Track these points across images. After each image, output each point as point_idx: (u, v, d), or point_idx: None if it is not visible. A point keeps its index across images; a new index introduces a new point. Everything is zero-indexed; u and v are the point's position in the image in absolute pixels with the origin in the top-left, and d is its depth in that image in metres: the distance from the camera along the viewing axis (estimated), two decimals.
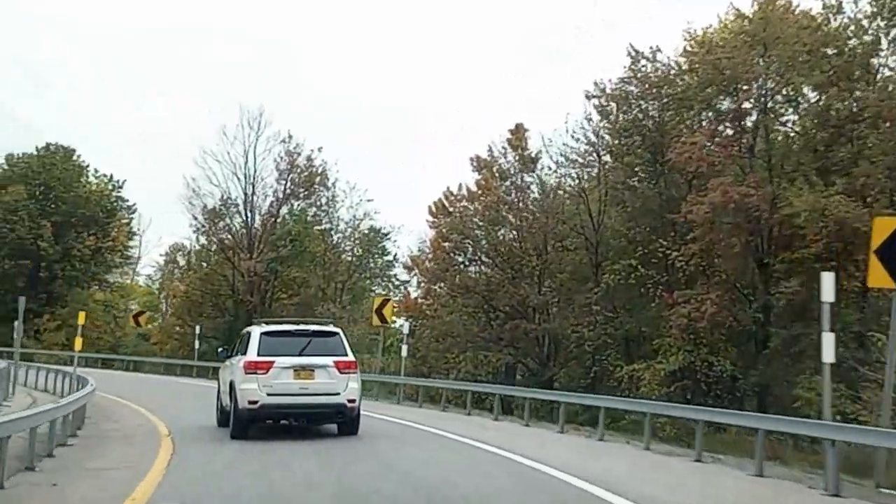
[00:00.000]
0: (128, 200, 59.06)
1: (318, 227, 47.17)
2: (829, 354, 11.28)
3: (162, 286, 61.41)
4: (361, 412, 15.17)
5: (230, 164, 45.55)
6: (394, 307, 34.05)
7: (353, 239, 47.72)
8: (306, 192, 47.35)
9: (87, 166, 57.94)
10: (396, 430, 16.88)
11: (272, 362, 14.31)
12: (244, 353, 14.88)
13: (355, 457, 12.55)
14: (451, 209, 36.62)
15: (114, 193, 58.29)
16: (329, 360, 14.53)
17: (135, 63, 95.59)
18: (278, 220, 46.74)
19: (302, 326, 15.82)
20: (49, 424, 12.15)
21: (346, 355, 14.80)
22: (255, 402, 14.19)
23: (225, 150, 45.36)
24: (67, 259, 54.44)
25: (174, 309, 51.31)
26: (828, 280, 11.56)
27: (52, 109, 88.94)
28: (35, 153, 56.43)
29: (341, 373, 14.51)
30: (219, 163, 45.30)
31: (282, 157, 45.78)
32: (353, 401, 14.55)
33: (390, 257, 49.07)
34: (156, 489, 9.53)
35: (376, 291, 46.80)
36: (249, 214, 46.53)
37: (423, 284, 39.09)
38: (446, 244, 35.42)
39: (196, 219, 46.36)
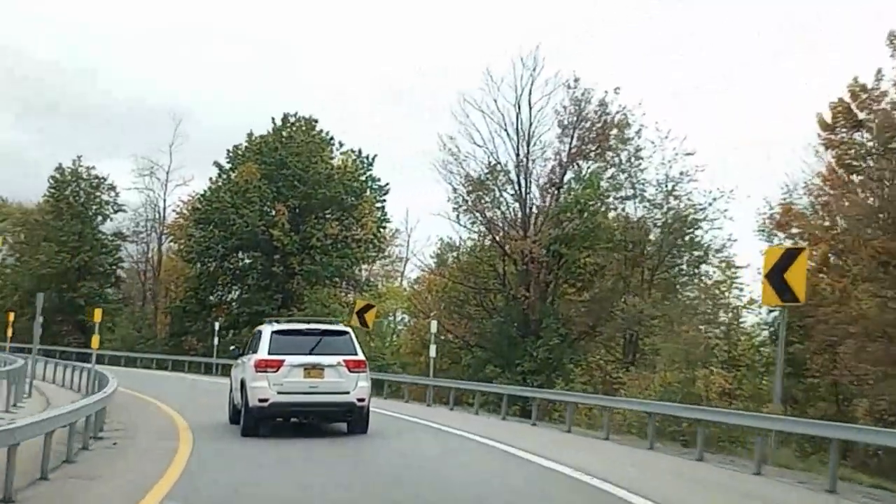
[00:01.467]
0: (379, 180, 49.82)
1: (617, 195, 34.57)
2: None
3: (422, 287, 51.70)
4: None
5: (498, 117, 34.51)
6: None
7: (663, 210, 34.21)
8: (598, 150, 35.02)
9: (331, 139, 49.39)
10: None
11: (282, 361, 14.64)
12: (255, 352, 15.19)
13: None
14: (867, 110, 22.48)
15: (362, 172, 49.20)
16: (339, 359, 14.82)
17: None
18: (562, 188, 34.96)
19: (312, 325, 16.34)
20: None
21: (356, 354, 15.09)
22: (266, 400, 14.48)
23: (490, 99, 34.50)
24: (306, 251, 46.02)
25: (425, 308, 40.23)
26: None
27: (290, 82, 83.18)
28: (271, 126, 48.83)
29: (351, 372, 14.80)
30: (483, 115, 34.46)
31: (565, 108, 34.03)
32: (362, 400, 14.86)
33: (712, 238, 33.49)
34: None
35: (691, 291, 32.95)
36: (524, 182, 35.12)
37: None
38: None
39: (456, 191, 35.45)
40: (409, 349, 40.26)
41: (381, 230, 49.22)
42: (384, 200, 49.71)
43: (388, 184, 49.66)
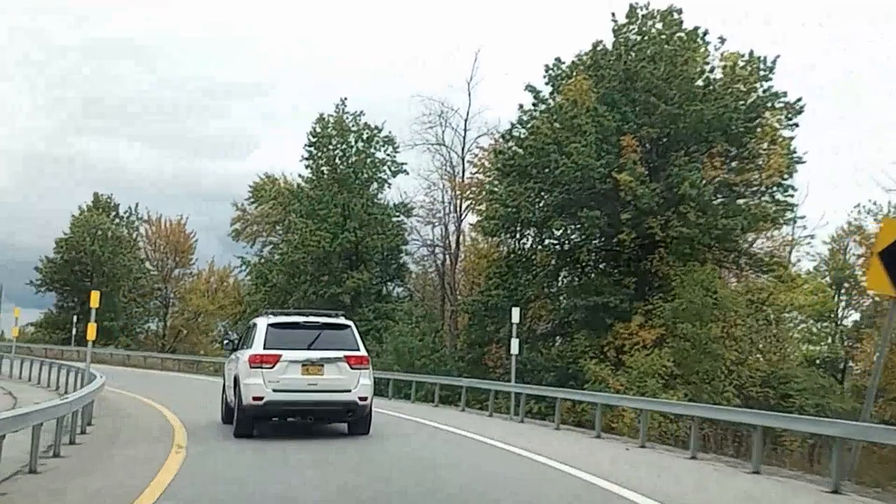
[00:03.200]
0: (783, 95, 31.26)
1: None
2: None
3: None
4: None
5: None
6: None
7: None
8: None
9: (705, 35, 31.83)
10: None
11: (279, 356, 13.94)
12: (249, 346, 14.53)
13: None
14: None
15: (756, 81, 31.09)
16: (340, 355, 14.19)
17: None
18: None
19: (311, 318, 15.21)
20: None
21: (358, 350, 14.50)
22: (260, 399, 13.82)
23: None
24: (674, 207, 28.88)
25: None
26: None
27: None
28: (612, 24, 32.29)
29: (352, 368, 14.18)
30: None
31: None
32: (364, 398, 14.25)
33: None
34: None
35: None
36: None
37: None
38: None
39: None
40: None
41: (791, 173, 30.61)
42: (793, 124, 31.08)
43: (799, 101, 30.96)
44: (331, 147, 40.63)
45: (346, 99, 40.77)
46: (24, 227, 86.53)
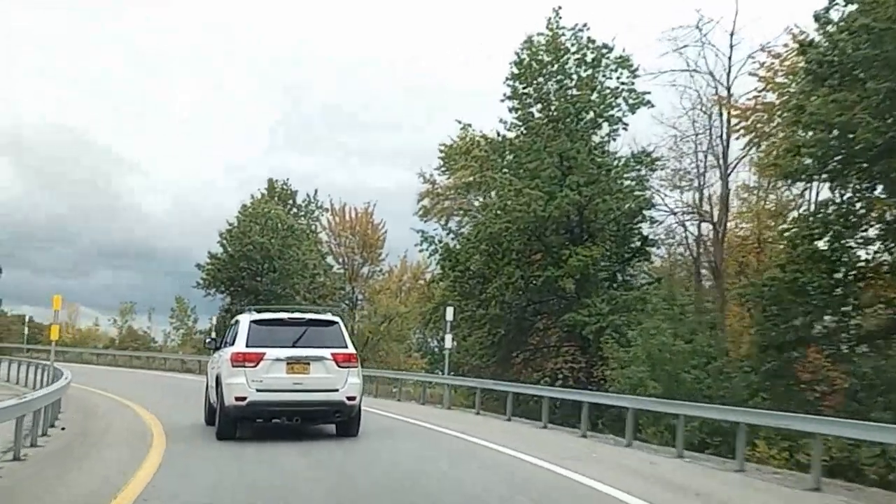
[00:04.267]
0: None
1: None
2: None
3: None
4: None
5: None
6: None
7: None
8: None
9: None
10: None
11: (262, 354, 13.56)
12: (232, 344, 14.20)
13: None
14: None
15: None
16: (326, 353, 13.81)
17: None
18: None
19: (297, 314, 15.05)
20: None
21: (346, 347, 14.10)
22: (243, 399, 13.42)
23: None
24: None
25: None
26: None
27: None
28: None
29: (340, 366, 13.79)
30: None
31: None
32: (352, 398, 13.87)
33: None
34: None
35: None
36: None
37: None
38: None
39: None
40: None
41: None
42: None
43: None
44: (542, 78, 29.50)
45: (560, 9, 29.53)
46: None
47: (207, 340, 18.27)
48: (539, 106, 29.57)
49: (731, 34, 27.60)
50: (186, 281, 50.30)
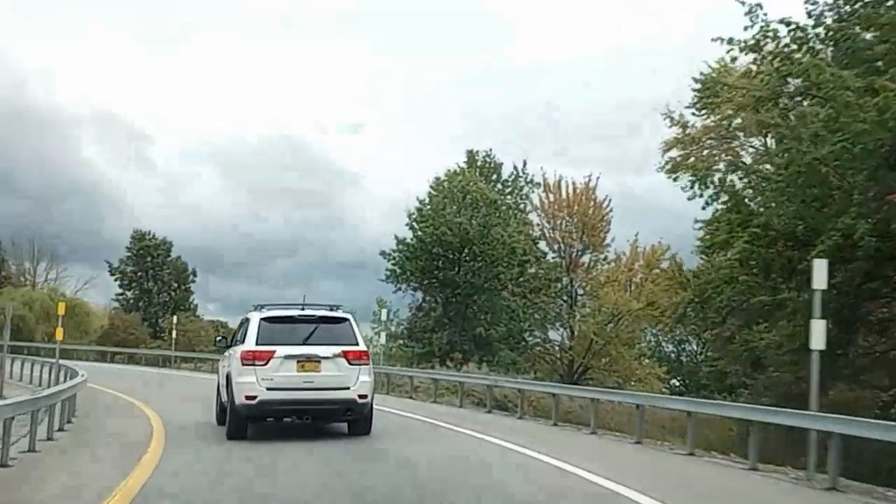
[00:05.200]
0: None
1: None
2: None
3: None
4: None
5: None
6: None
7: None
8: None
9: None
10: None
11: (272, 352, 13.44)
12: (242, 342, 14.06)
13: None
14: None
15: None
16: (337, 350, 13.68)
17: None
18: None
19: (307, 312, 14.62)
20: None
21: (357, 344, 14.01)
22: (254, 398, 13.28)
23: None
24: None
25: None
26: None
27: None
28: None
29: (351, 364, 13.67)
30: None
31: None
32: (364, 396, 13.71)
33: None
34: None
35: None
36: None
37: None
38: None
39: None
40: None
41: None
42: None
43: None
44: None
45: None
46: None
47: (218, 339, 18.30)
48: None
49: None
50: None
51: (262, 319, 13.85)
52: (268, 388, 13.15)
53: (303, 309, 14.70)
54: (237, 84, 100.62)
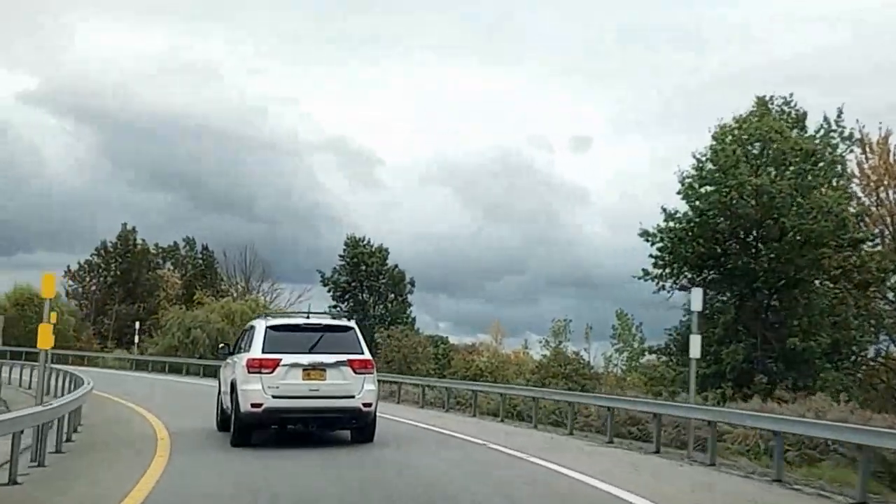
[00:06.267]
0: None
1: None
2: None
3: None
4: None
5: None
6: None
7: None
8: None
9: None
10: None
11: (278, 360, 13.45)
12: (248, 350, 14.08)
13: None
14: None
15: None
16: (343, 359, 13.68)
17: None
18: None
19: (313, 320, 14.78)
20: None
21: (363, 353, 13.94)
22: (259, 406, 13.33)
23: None
24: None
25: None
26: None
27: None
28: None
29: (356, 373, 13.70)
30: None
31: None
32: (368, 405, 13.76)
33: None
34: None
35: None
36: None
37: None
38: None
39: None
40: None
41: None
42: None
43: None
44: None
45: None
46: None
47: (220, 346, 18.36)
48: None
49: None
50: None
51: (268, 327, 13.97)
52: (273, 396, 13.23)
53: (308, 317, 14.91)
54: (462, 103, 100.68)
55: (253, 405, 13.17)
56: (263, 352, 13.41)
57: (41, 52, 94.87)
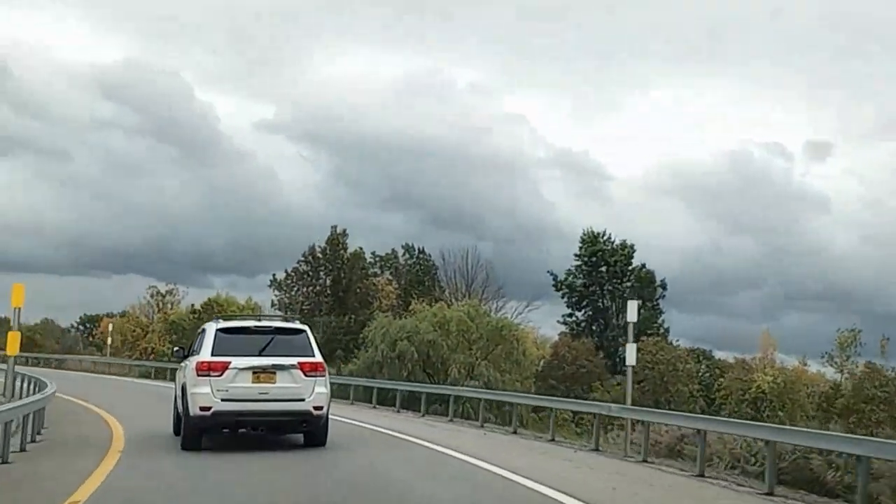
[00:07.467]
0: None
1: None
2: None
3: None
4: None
5: None
6: None
7: None
8: None
9: None
10: None
11: (228, 363, 13.69)
12: (198, 353, 14.32)
13: None
14: None
15: None
16: (293, 361, 13.91)
17: None
18: None
19: (264, 323, 15.31)
20: None
21: (313, 356, 14.20)
22: (208, 409, 13.55)
23: None
24: None
25: None
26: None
27: None
28: None
29: (307, 376, 13.90)
30: None
31: None
32: (319, 408, 13.97)
33: None
34: None
35: None
36: None
37: None
38: None
39: None
40: None
41: None
42: None
43: None
44: None
45: None
46: None
47: (175, 349, 18.19)
48: None
49: None
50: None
51: (218, 330, 14.11)
52: (223, 399, 13.33)
53: (259, 320, 15.53)
54: (697, 112, 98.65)
55: (202, 408, 13.33)
56: (213, 354, 13.53)
57: (278, 81, 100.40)
